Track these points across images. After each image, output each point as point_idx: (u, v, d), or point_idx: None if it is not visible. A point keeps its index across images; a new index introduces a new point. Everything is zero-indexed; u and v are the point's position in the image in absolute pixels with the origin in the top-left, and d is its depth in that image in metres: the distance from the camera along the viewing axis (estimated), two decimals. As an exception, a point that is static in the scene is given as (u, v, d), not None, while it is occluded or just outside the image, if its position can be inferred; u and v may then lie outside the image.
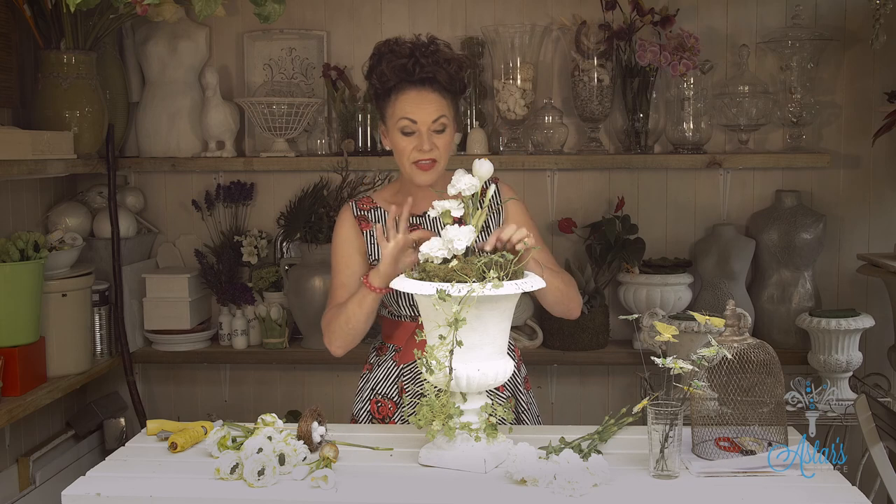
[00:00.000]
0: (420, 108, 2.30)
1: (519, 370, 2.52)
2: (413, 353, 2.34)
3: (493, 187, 2.43)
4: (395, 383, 2.45)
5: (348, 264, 2.43)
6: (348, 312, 2.33)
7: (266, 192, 3.74)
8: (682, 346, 2.98)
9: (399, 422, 2.42)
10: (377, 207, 2.46)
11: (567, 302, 2.40)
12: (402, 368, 2.44)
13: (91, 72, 3.23)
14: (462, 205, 2.09)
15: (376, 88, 2.36)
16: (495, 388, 2.38)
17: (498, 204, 2.45)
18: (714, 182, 3.61)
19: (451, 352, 1.91)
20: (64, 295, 3.12)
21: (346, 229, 2.45)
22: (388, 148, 2.41)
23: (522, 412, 2.49)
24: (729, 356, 1.94)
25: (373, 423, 2.46)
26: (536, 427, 2.45)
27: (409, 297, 2.37)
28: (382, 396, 2.46)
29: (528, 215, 2.49)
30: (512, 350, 2.49)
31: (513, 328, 2.15)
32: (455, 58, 2.34)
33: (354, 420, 2.52)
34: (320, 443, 2.11)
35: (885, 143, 3.41)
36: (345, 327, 2.34)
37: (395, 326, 2.46)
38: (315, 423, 2.10)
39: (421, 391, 2.39)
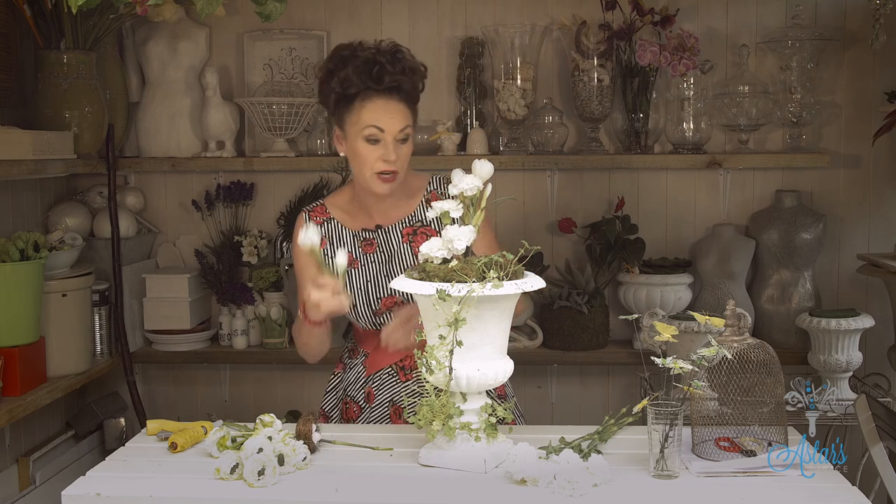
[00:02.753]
0: (388, 118, 2.27)
1: None
2: (379, 362, 2.41)
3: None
4: (363, 388, 2.46)
5: (307, 275, 2.37)
6: (303, 338, 2.40)
7: (266, 192, 3.74)
8: (682, 346, 2.98)
9: (413, 401, 2.40)
10: (331, 219, 2.45)
11: None
12: (372, 375, 2.44)
13: (91, 72, 3.23)
14: (461, 205, 2.09)
15: (336, 93, 2.30)
16: (494, 390, 2.39)
17: None
18: (714, 182, 3.60)
19: (451, 352, 1.91)
20: (64, 295, 3.12)
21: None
22: (341, 154, 2.38)
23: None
24: (729, 356, 1.94)
25: (344, 419, 2.49)
26: (536, 427, 2.44)
27: (370, 314, 2.38)
28: (350, 399, 2.48)
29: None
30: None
31: (513, 328, 2.15)
32: (418, 67, 2.32)
33: (324, 417, 2.53)
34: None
35: (885, 143, 3.40)
36: (305, 349, 2.44)
37: (363, 332, 2.47)
38: (313, 426, 2.10)
39: (390, 398, 2.40)
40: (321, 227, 2.43)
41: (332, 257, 2.27)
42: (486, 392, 2.41)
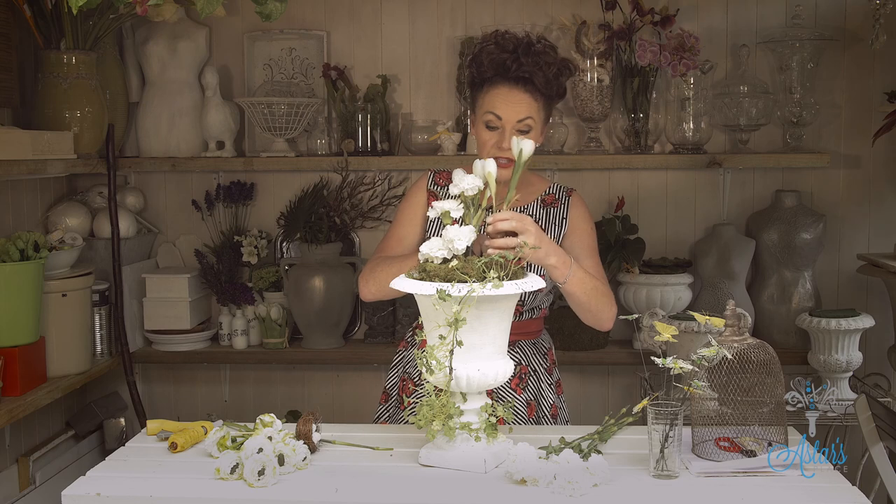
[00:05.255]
0: (508, 106, 2.30)
1: (551, 374, 2.53)
2: None
3: (544, 201, 2.46)
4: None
5: (410, 220, 2.47)
6: (402, 269, 2.20)
7: (266, 192, 3.74)
8: (682, 346, 2.98)
9: (413, 401, 2.42)
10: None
11: (595, 311, 2.34)
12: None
13: (91, 72, 3.23)
14: (461, 205, 2.09)
15: (472, 76, 2.37)
16: (512, 391, 2.39)
17: (563, 216, 2.45)
18: (714, 182, 3.61)
19: (451, 352, 1.91)
20: (64, 295, 3.12)
21: (416, 193, 2.50)
22: (474, 137, 2.44)
23: (543, 417, 2.48)
24: (729, 356, 1.94)
25: (400, 396, 2.51)
26: (536, 427, 2.44)
27: None
28: (407, 376, 2.51)
29: (590, 225, 2.47)
30: (545, 355, 2.51)
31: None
32: (557, 61, 2.33)
33: (385, 395, 2.56)
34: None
35: (885, 143, 3.41)
36: (389, 280, 2.18)
37: None
38: (313, 426, 2.10)
39: None
40: (440, 189, 2.48)
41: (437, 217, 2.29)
42: (538, 415, 2.43)
